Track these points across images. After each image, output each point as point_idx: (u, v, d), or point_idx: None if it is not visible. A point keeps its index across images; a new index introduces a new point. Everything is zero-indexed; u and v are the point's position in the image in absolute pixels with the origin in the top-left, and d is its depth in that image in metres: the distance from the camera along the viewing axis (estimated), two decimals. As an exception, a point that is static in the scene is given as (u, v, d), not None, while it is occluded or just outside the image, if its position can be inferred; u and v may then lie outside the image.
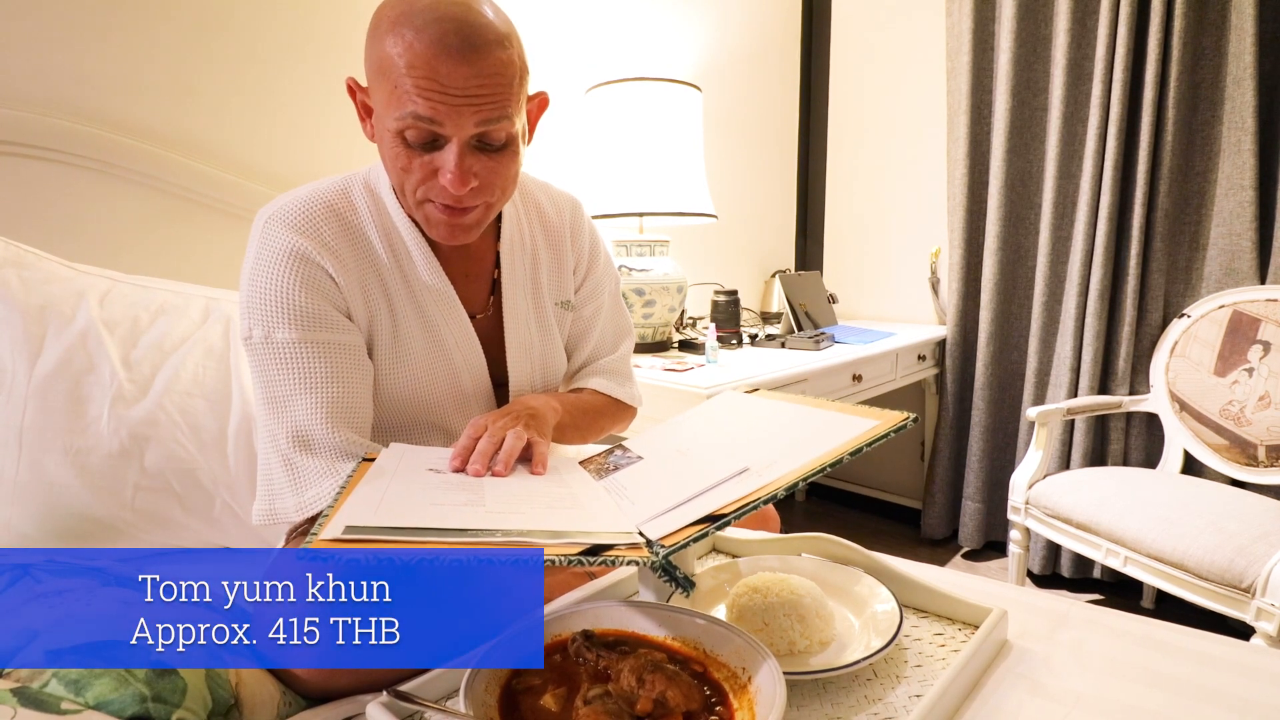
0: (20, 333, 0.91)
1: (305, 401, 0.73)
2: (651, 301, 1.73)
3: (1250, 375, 1.68)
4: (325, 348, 0.75)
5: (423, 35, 0.64)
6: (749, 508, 0.51)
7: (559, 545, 0.48)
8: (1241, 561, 1.27)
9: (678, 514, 0.53)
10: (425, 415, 0.84)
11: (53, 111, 1.08)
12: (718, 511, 0.51)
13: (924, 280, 2.48)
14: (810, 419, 0.67)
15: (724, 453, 0.65)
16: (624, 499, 0.63)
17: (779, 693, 0.48)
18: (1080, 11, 1.92)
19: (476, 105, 0.67)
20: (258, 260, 0.75)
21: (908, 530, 2.50)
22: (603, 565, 0.48)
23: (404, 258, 0.82)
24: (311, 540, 0.46)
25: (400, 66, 0.65)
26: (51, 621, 0.55)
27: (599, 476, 0.71)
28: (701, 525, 0.51)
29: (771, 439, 0.66)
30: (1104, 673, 0.60)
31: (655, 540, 0.50)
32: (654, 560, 0.47)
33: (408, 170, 0.71)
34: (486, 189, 0.73)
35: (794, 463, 0.55)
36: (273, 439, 0.74)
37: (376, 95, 0.70)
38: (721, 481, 0.56)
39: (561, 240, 0.96)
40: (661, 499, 0.57)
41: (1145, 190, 1.85)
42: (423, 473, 0.65)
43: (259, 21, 1.29)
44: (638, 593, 0.73)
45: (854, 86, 2.58)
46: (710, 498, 0.54)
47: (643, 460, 0.71)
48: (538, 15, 1.73)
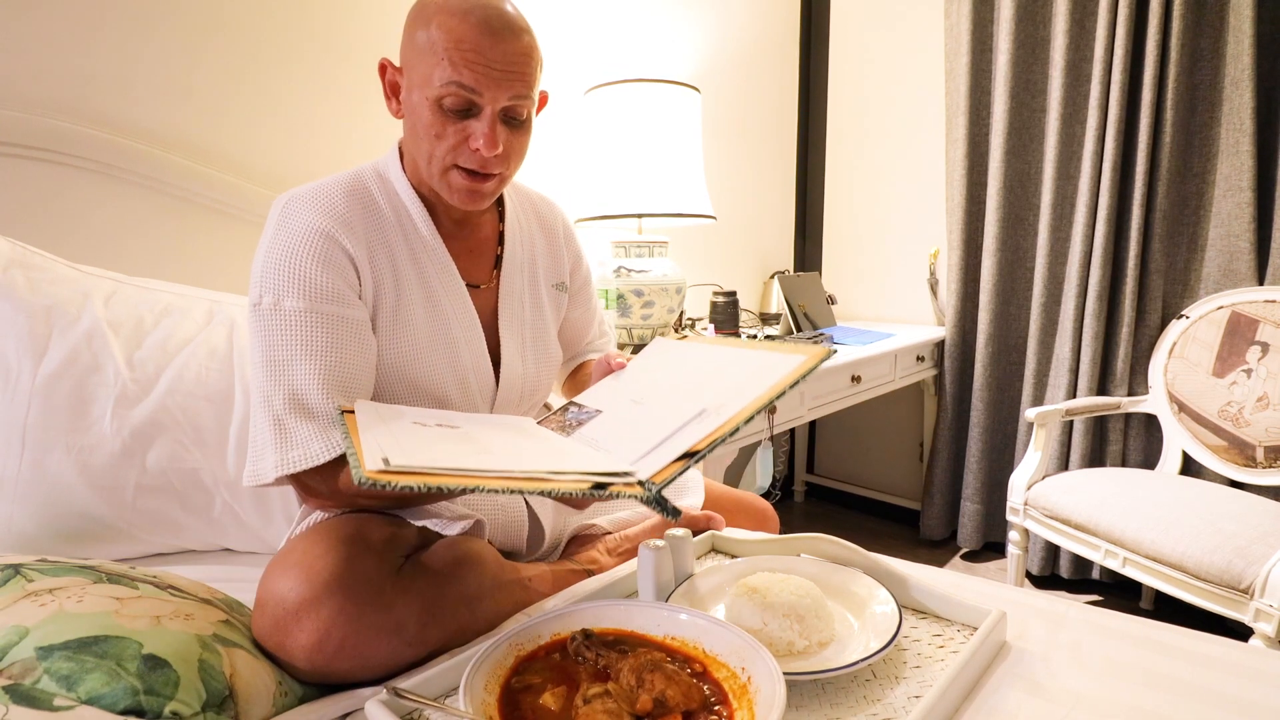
0: (26, 332, 0.91)
1: (305, 367, 0.74)
2: (650, 303, 1.73)
3: (1249, 376, 1.69)
4: (331, 319, 0.76)
5: (469, 18, 0.75)
6: (717, 442, 0.58)
7: (571, 481, 0.55)
8: (1240, 562, 1.27)
9: (658, 455, 0.59)
10: (425, 387, 0.85)
11: (53, 113, 1.09)
12: (693, 448, 0.58)
13: (923, 281, 2.49)
14: (743, 360, 0.74)
15: (677, 397, 0.70)
16: (601, 450, 0.66)
17: (778, 693, 0.48)
18: (1079, 13, 1.93)
19: (510, 80, 0.77)
20: (276, 236, 0.77)
21: (907, 531, 2.50)
22: (607, 499, 0.56)
23: (410, 229, 0.86)
24: (360, 471, 0.50)
25: (448, 43, 0.74)
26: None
27: (566, 433, 0.73)
28: (683, 461, 0.57)
29: (715, 382, 0.71)
30: (1103, 674, 0.60)
31: (646, 479, 0.56)
32: (648, 495, 0.54)
33: (440, 136, 0.78)
34: (506, 158, 0.81)
35: (742, 401, 0.63)
36: (266, 400, 0.74)
37: (416, 71, 0.77)
38: (685, 424, 0.62)
39: (556, 234, 1.03)
40: (637, 444, 0.63)
41: (1144, 191, 1.85)
42: (411, 426, 0.67)
43: (259, 24, 1.29)
44: (637, 592, 0.73)
45: (853, 88, 2.58)
46: (681, 438, 0.61)
47: (601, 413, 0.75)
48: (537, 16, 1.73)
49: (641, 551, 0.71)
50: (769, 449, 1.65)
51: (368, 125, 1.44)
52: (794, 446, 2.85)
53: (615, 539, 0.97)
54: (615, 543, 0.96)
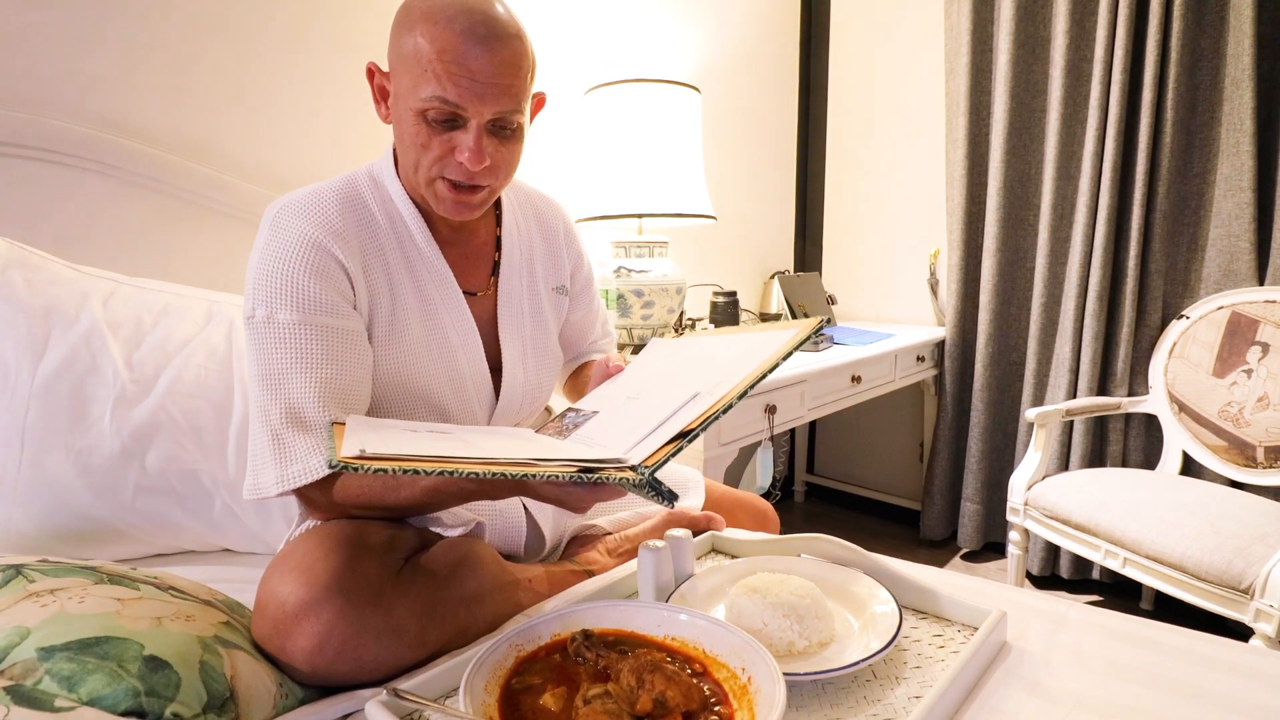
0: (24, 333, 0.91)
1: (301, 381, 0.74)
2: (650, 303, 1.73)
3: (1249, 376, 1.69)
4: (325, 331, 0.76)
5: (453, 25, 0.71)
6: (712, 418, 0.56)
7: (557, 465, 0.52)
8: (1240, 563, 1.27)
9: (651, 440, 0.57)
10: (422, 396, 0.85)
11: (54, 113, 1.08)
12: (687, 428, 0.56)
13: (923, 281, 2.49)
14: (737, 343, 0.73)
15: (672, 386, 0.69)
16: (596, 446, 0.65)
17: (779, 693, 0.48)
18: (1079, 13, 1.93)
19: (497, 93, 0.74)
20: (268, 246, 0.76)
21: (907, 531, 2.50)
22: (596, 484, 0.53)
23: (405, 237, 0.85)
24: (333, 454, 0.50)
25: (431, 53, 0.71)
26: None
27: (562, 437, 0.72)
28: (676, 442, 0.55)
29: (709, 365, 0.70)
30: (1103, 674, 0.60)
31: (639, 463, 0.54)
32: (640, 478, 0.51)
33: (426, 147, 0.76)
34: (494, 170, 0.79)
35: (737, 377, 0.61)
36: (265, 415, 0.74)
37: (401, 80, 0.75)
38: (680, 407, 0.61)
39: (556, 235, 1.02)
40: (631, 434, 0.61)
41: (1144, 191, 1.85)
42: (400, 430, 0.67)
43: (259, 24, 1.29)
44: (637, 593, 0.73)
45: (852, 88, 2.58)
46: (675, 421, 0.59)
47: (599, 414, 0.74)
48: (537, 17, 1.73)
49: (641, 552, 0.71)
50: (769, 449, 1.65)
51: (368, 125, 1.44)
52: (794, 446, 2.85)
53: (615, 540, 0.97)
54: (615, 543, 0.96)
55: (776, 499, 2.80)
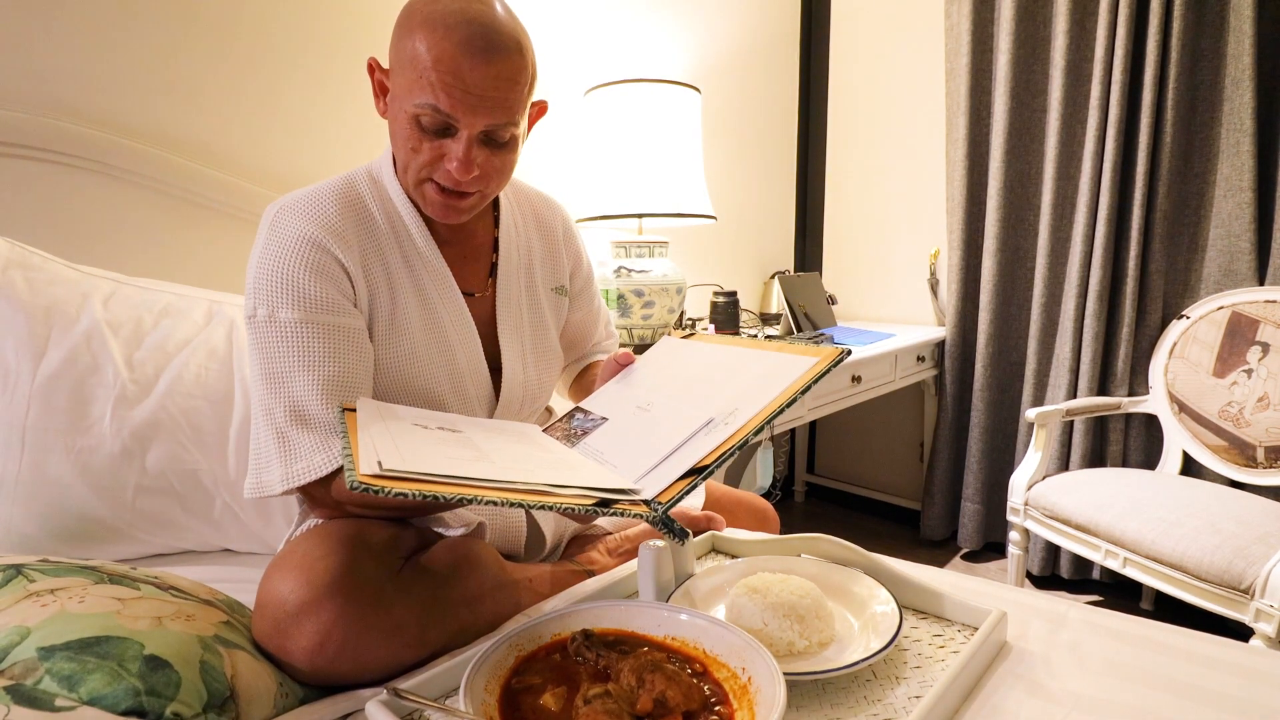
0: (25, 333, 0.91)
1: (303, 379, 0.74)
2: (650, 303, 1.73)
3: (1249, 376, 1.69)
4: (327, 329, 0.76)
5: (451, 35, 0.71)
6: (726, 456, 0.55)
7: (573, 495, 0.52)
8: (1240, 563, 1.27)
9: (663, 471, 0.57)
10: (422, 394, 0.85)
11: (53, 113, 1.08)
12: (700, 464, 0.56)
13: (923, 281, 2.49)
14: (753, 361, 0.71)
15: (684, 404, 0.68)
16: (605, 463, 0.64)
17: (779, 693, 0.48)
18: (1079, 13, 1.93)
19: (490, 107, 0.73)
20: (267, 246, 0.77)
21: (907, 531, 2.50)
22: (611, 516, 0.53)
23: (404, 237, 0.85)
24: (354, 475, 0.48)
25: (427, 60, 0.71)
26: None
27: (570, 442, 0.72)
28: (689, 479, 0.55)
29: (725, 386, 0.69)
30: (1103, 674, 0.60)
31: (652, 499, 0.54)
32: (654, 516, 0.51)
33: (416, 151, 0.77)
34: (484, 178, 0.79)
35: (753, 408, 0.60)
36: (268, 413, 0.74)
37: (399, 81, 0.75)
38: (691, 436, 0.60)
39: (554, 235, 1.02)
40: (642, 458, 0.60)
41: (1144, 191, 1.85)
42: (411, 428, 0.66)
43: (262, 25, 1.29)
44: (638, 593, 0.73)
45: (853, 87, 2.58)
46: (687, 452, 0.58)
47: (607, 421, 0.73)
48: (537, 17, 1.73)
49: (642, 552, 0.71)
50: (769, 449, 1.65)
51: (369, 125, 1.44)
52: (794, 446, 2.85)
53: (615, 539, 0.97)
54: (615, 543, 0.96)
55: (776, 499, 2.80)
